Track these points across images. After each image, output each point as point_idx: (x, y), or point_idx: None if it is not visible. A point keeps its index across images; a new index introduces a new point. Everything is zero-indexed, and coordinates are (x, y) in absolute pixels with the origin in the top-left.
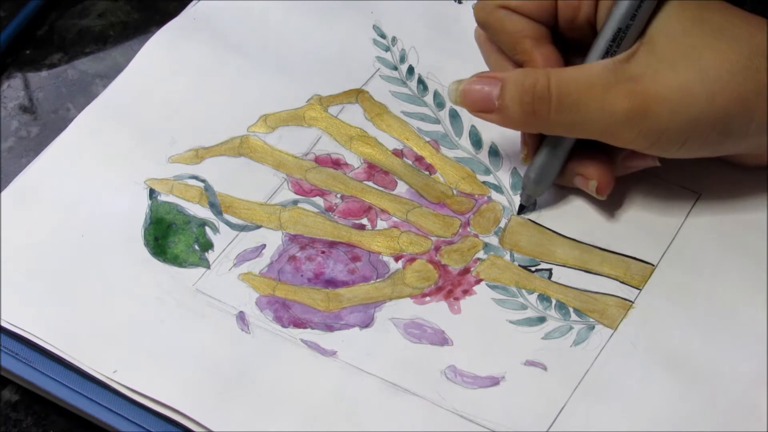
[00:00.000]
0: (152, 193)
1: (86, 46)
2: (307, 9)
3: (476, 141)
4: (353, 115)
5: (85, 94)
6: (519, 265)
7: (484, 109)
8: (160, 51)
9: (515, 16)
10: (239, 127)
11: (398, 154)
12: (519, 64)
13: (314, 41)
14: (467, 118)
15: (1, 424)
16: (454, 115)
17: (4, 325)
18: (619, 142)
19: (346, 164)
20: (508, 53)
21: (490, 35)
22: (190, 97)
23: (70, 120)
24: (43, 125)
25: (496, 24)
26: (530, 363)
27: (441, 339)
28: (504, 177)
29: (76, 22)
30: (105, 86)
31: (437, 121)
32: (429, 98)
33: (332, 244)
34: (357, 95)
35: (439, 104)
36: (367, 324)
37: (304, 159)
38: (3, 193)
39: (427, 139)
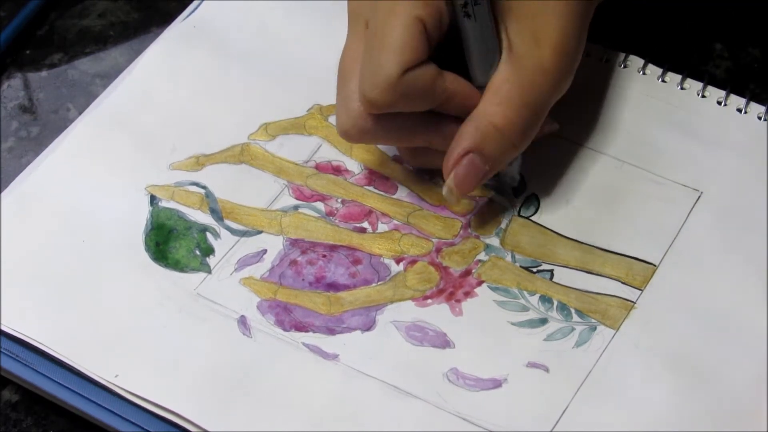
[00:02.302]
0: (153, 199)
1: (86, 46)
2: (308, 18)
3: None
4: None
5: (85, 94)
6: (520, 266)
7: (482, 179)
8: (162, 58)
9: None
10: (240, 135)
11: (398, 160)
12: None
13: (315, 50)
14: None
15: (1, 424)
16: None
17: (5, 329)
18: (562, 90)
19: (347, 171)
20: (427, 106)
21: (398, 108)
22: (191, 104)
23: (70, 120)
24: (43, 125)
25: (406, 88)
26: (532, 365)
27: (443, 341)
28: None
29: (76, 22)
30: (105, 86)
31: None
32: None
33: (333, 248)
34: None
35: None
36: (368, 327)
37: (304, 166)
38: (3, 194)
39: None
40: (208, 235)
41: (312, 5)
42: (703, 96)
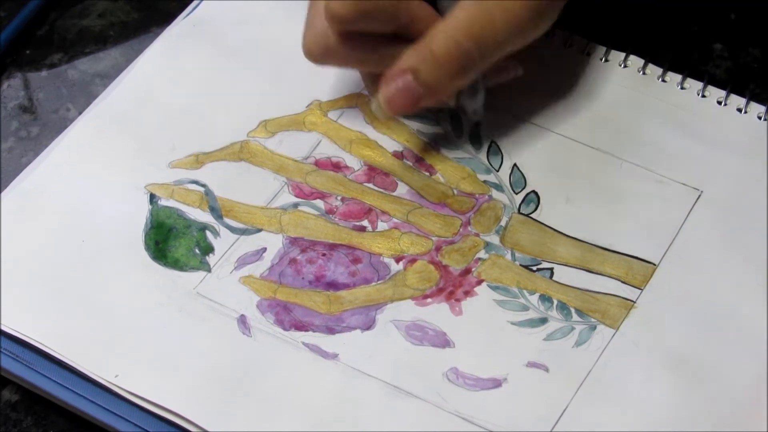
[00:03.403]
0: (153, 197)
1: (86, 46)
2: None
3: (476, 141)
4: (353, 119)
5: (85, 94)
6: (520, 265)
7: (413, 102)
8: (161, 57)
9: None
10: (239, 133)
11: (398, 156)
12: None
13: None
14: (467, 119)
15: (1, 424)
16: (453, 117)
17: (5, 329)
18: (529, 37)
19: (346, 167)
20: (390, 27)
21: (361, 24)
22: (191, 103)
23: (70, 120)
24: (43, 125)
25: (370, 5)
26: (532, 364)
27: (442, 341)
28: (504, 175)
29: (76, 22)
30: (105, 86)
31: (437, 123)
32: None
33: (333, 247)
34: (356, 99)
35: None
36: (368, 326)
37: (304, 162)
38: (3, 194)
39: (427, 140)
40: (208, 233)
41: None
42: (703, 96)
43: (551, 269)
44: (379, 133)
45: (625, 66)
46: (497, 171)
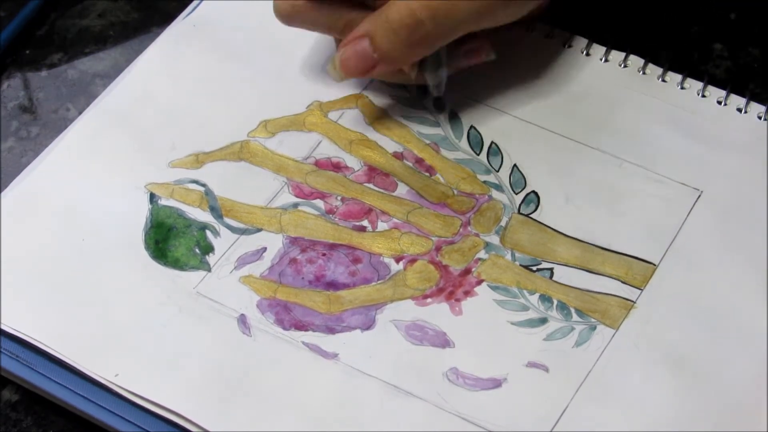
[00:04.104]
0: (153, 197)
1: (86, 46)
2: None
3: (476, 142)
4: (353, 120)
5: (85, 94)
6: (520, 265)
7: (367, 66)
8: (161, 56)
9: None
10: (239, 133)
11: (398, 156)
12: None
13: (314, 47)
14: (467, 120)
15: (1, 424)
16: (453, 118)
17: (5, 328)
18: (495, 21)
19: (347, 167)
20: None
21: None
22: (191, 102)
23: (70, 120)
24: (43, 125)
25: None
26: (532, 364)
27: (442, 341)
28: (504, 176)
29: (76, 22)
30: (105, 86)
31: (437, 124)
32: (428, 101)
33: (333, 247)
34: (357, 100)
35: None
36: (368, 326)
37: (304, 163)
38: (3, 194)
39: (427, 142)
40: (208, 233)
41: None
42: (703, 96)
43: (551, 269)
44: (379, 134)
45: (625, 66)
46: (497, 171)
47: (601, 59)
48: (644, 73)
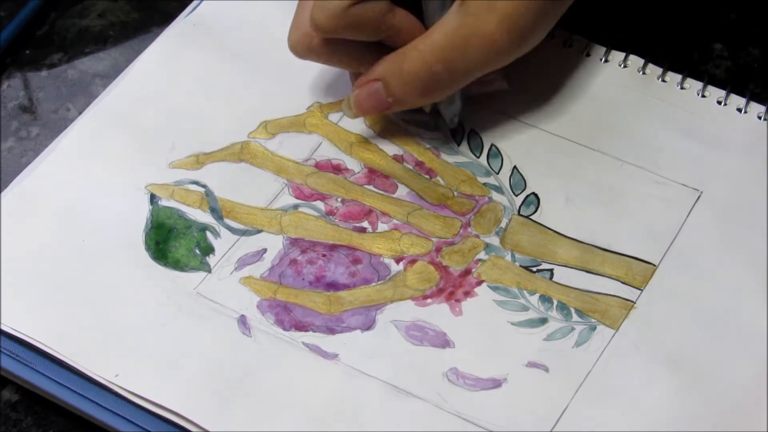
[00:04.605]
0: (153, 198)
1: (86, 46)
2: None
3: (476, 145)
4: (353, 122)
5: (85, 94)
6: (520, 266)
7: (381, 108)
8: (161, 57)
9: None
10: (240, 133)
11: (398, 159)
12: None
13: None
14: (467, 124)
15: (1, 424)
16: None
17: (5, 329)
18: (506, 62)
19: (347, 169)
20: (372, 38)
21: (344, 35)
22: (191, 103)
23: (70, 120)
24: (43, 125)
25: (353, 19)
26: (532, 364)
27: (442, 341)
28: (504, 177)
29: (76, 22)
30: (105, 86)
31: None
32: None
33: (333, 248)
34: None
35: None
36: (368, 326)
37: (304, 164)
38: (3, 194)
39: (428, 146)
40: (208, 234)
41: None
42: (703, 96)
43: (551, 270)
44: (380, 137)
45: (625, 66)
46: (497, 173)
47: (601, 59)
48: (644, 73)
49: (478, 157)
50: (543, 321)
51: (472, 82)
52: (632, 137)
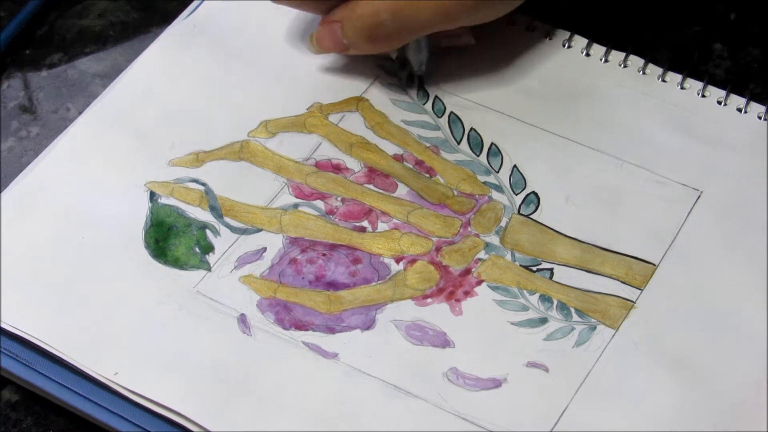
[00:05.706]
0: (153, 196)
1: (86, 46)
2: (308, 16)
3: (476, 144)
4: (353, 123)
5: (85, 94)
6: (520, 265)
7: (339, 49)
8: (161, 56)
9: None
10: (240, 132)
11: (398, 159)
12: None
13: None
14: (467, 123)
15: (1, 424)
16: (453, 121)
17: (4, 327)
18: (461, 23)
19: (347, 168)
20: None
21: None
22: (191, 102)
23: (70, 120)
24: (43, 125)
25: None
26: (532, 364)
27: (442, 341)
28: (504, 176)
29: (76, 22)
30: (105, 86)
31: (437, 128)
32: (429, 105)
33: (333, 247)
34: (357, 103)
35: (439, 110)
36: (368, 326)
37: (304, 164)
38: (3, 194)
39: (428, 144)
40: (208, 232)
41: None
42: (703, 96)
43: (551, 270)
44: (380, 137)
45: (625, 66)
46: (497, 172)
47: (601, 59)
48: (644, 73)
49: (478, 156)
50: (543, 321)
51: (440, 34)
52: (632, 137)
